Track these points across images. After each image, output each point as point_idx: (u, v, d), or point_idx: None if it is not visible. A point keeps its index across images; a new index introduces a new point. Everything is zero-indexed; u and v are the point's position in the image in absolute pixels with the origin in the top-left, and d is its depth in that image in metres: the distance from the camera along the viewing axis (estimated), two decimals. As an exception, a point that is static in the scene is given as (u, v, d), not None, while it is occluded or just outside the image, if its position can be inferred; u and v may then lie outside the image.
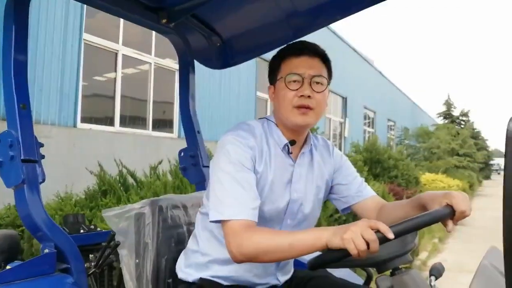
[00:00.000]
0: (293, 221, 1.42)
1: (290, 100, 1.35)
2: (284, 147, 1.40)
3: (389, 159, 8.72)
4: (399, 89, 25.37)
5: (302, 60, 1.38)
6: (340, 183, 1.54)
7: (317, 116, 1.38)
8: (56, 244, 1.31)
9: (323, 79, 1.38)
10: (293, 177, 1.40)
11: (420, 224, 1.02)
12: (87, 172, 4.23)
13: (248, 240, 1.15)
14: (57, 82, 5.48)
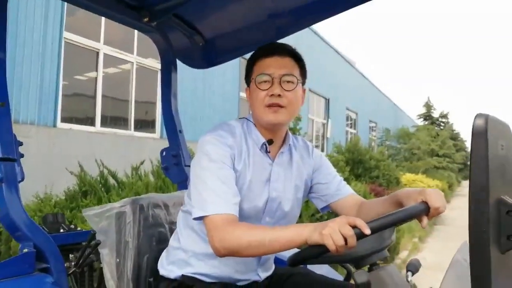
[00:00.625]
0: (271, 219, 1.43)
1: (262, 100, 1.38)
2: (262, 146, 1.43)
3: (371, 159, 8.83)
4: (381, 90, 25.73)
5: (272, 61, 1.41)
6: (319, 182, 1.57)
7: (290, 114, 1.42)
8: (36, 244, 1.29)
9: (293, 77, 1.41)
10: (271, 176, 1.43)
11: (395, 220, 1.05)
12: (67, 173, 4.17)
13: (231, 234, 1.17)
14: (37, 81, 5.39)
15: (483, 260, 0.76)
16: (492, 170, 0.78)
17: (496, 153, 0.81)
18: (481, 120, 0.78)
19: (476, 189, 0.77)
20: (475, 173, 0.77)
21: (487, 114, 0.79)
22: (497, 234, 0.81)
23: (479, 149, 0.77)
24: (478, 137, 0.78)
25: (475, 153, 0.77)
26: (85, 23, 6.40)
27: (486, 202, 0.77)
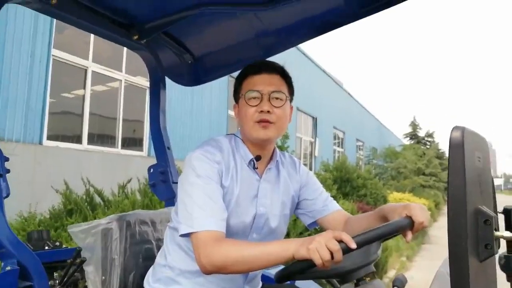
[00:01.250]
0: (258, 235, 1.43)
1: (251, 116, 1.40)
2: (250, 162, 1.43)
3: (358, 178, 8.89)
4: (368, 110, 26.07)
5: (260, 78, 1.43)
6: (306, 198, 1.57)
7: (278, 130, 1.43)
8: (19, 261, 1.26)
9: (282, 94, 1.43)
10: (259, 192, 1.43)
11: (380, 234, 1.06)
12: (53, 191, 4.11)
13: (217, 251, 1.17)
14: (24, 98, 5.35)
15: (462, 269, 0.77)
16: (469, 181, 0.80)
17: (473, 164, 0.83)
18: (457, 133, 0.81)
19: (454, 199, 0.79)
20: (452, 184, 0.79)
21: (464, 127, 0.81)
22: (475, 243, 0.83)
23: (456, 161, 0.79)
24: (455, 149, 0.80)
25: (452, 165, 0.79)
26: (74, 41, 6.41)
27: (464, 212, 0.78)
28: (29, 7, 1.57)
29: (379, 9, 1.73)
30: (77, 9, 1.65)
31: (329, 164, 9.57)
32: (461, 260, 0.77)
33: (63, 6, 1.57)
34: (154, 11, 1.82)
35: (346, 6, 1.73)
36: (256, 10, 1.77)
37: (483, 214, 0.84)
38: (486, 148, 0.93)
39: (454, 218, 0.78)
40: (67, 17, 1.65)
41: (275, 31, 1.95)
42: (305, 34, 1.93)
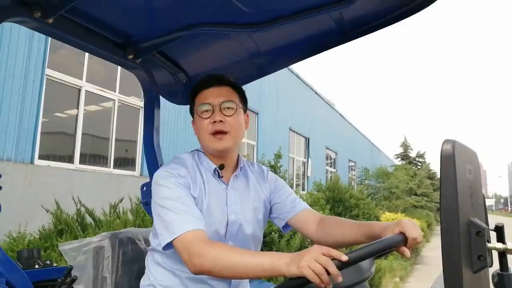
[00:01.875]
0: (234, 242, 1.45)
1: (206, 128, 1.46)
2: (214, 172, 1.49)
3: (351, 198, 8.87)
4: (359, 131, 26.29)
5: (210, 91, 1.50)
6: (276, 202, 1.63)
7: (234, 139, 1.49)
8: (8, 280, 1.24)
9: (232, 103, 1.49)
10: (228, 200, 1.48)
11: (374, 251, 1.06)
12: (43, 211, 4.06)
13: (208, 252, 1.17)
14: (16, 117, 5.34)
15: (456, 280, 0.78)
16: (461, 193, 0.81)
17: (464, 176, 0.84)
18: (448, 145, 0.82)
19: (446, 210, 0.80)
20: (445, 195, 0.80)
21: (454, 140, 0.83)
22: (469, 255, 0.84)
23: (447, 172, 0.81)
24: (446, 161, 0.81)
25: (444, 176, 0.81)
26: (68, 60, 6.45)
27: (456, 223, 0.79)
28: (26, 26, 1.59)
29: (368, 31, 1.78)
30: (74, 28, 1.67)
31: (321, 184, 9.56)
32: (455, 271, 0.78)
33: (60, 25, 1.59)
34: (149, 31, 1.85)
35: (337, 28, 1.78)
36: (250, 31, 1.80)
37: (475, 225, 0.85)
38: (476, 161, 0.95)
39: (447, 229, 0.79)
40: (63, 36, 1.66)
41: (269, 51, 1.98)
42: (297, 54, 1.97)
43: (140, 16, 1.77)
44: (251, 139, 12.43)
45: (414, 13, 1.65)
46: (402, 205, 17.09)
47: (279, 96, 13.84)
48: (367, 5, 1.58)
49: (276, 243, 4.42)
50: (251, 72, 2.12)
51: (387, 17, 1.67)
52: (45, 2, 1.50)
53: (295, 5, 1.63)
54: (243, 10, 1.65)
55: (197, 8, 1.69)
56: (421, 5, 1.58)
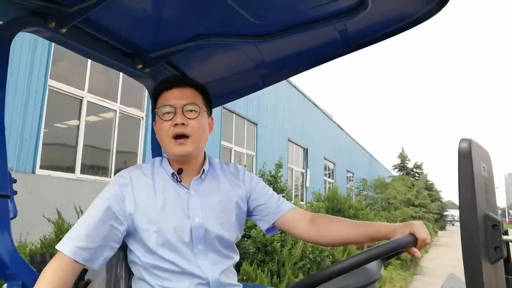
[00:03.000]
0: (204, 245, 1.40)
1: (167, 131, 1.41)
2: (173, 176, 1.44)
3: (350, 208, 8.88)
4: (357, 142, 26.39)
5: (173, 92, 1.45)
6: (258, 204, 1.56)
7: (196, 143, 1.43)
8: (24, 283, 1.27)
9: (196, 106, 1.44)
10: (189, 204, 1.41)
11: (384, 251, 1.09)
12: (43, 220, 4.06)
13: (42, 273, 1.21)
14: (18, 127, 5.36)
15: (476, 271, 0.82)
16: (478, 189, 0.86)
17: (479, 173, 0.89)
18: (465, 144, 0.88)
19: (465, 205, 0.84)
20: (463, 191, 0.85)
21: (470, 139, 0.89)
22: (486, 247, 0.88)
23: (465, 169, 0.86)
24: (463, 158, 0.86)
25: (462, 173, 0.86)
26: (70, 71, 6.50)
27: (474, 217, 0.84)
28: (40, 35, 1.63)
29: (372, 42, 1.84)
30: (85, 38, 1.72)
31: (320, 194, 9.58)
32: (475, 262, 0.82)
33: (72, 35, 1.64)
34: (158, 41, 1.90)
35: (341, 39, 1.83)
36: (256, 42, 1.86)
37: (491, 219, 0.90)
38: (489, 160, 1.00)
39: (466, 223, 0.84)
40: (75, 45, 1.71)
41: (274, 61, 2.03)
42: (302, 65, 2.02)
43: (150, 27, 1.82)
44: (250, 150, 12.46)
45: (416, 25, 1.70)
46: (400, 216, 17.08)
47: (278, 107, 13.92)
48: (371, 16, 1.63)
49: (278, 252, 4.43)
50: (256, 81, 2.16)
51: (391, 28, 1.73)
52: (59, 13, 1.55)
53: (302, 17, 1.68)
54: (251, 21, 1.70)
55: (206, 19, 1.75)
56: (424, 17, 1.63)
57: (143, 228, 1.35)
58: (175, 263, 1.34)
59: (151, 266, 1.35)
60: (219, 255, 1.43)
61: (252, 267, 3.97)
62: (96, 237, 1.28)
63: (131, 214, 1.35)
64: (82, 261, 1.26)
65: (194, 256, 1.37)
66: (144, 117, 7.77)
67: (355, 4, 1.58)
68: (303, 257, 4.69)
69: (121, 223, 1.34)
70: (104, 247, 1.30)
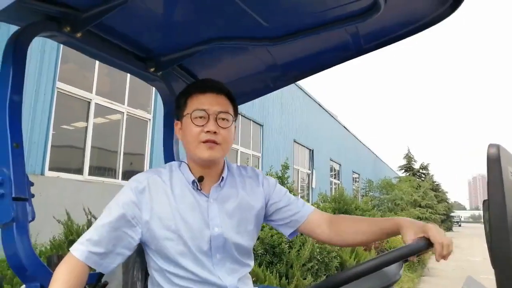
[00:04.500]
0: (222, 254, 1.38)
1: (197, 136, 1.37)
2: (193, 183, 1.40)
3: (356, 209, 8.88)
4: (363, 143, 26.32)
5: (207, 97, 1.40)
6: (277, 208, 1.53)
7: (223, 151, 1.40)
8: (42, 285, 1.28)
9: (228, 115, 1.41)
10: (209, 213, 1.38)
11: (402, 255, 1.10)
12: (53, 221, 4.09)
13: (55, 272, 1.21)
14: (27, 129, 5.40)
15: (507, 272, 0.84)
16: (507, 192, 0.88)
17: (508, 178, 0.91)
18: (494, 149, 0.91)
19: (495, 208, 0.86)
20: (492, 194, 0.87)
21: (498, 144, 0.91)
22: None
23: (495, 174, 0.89)
24: (492, 163, 0.90)
25: (491, 177, 0.88)
26: (78, 74, 6.55)
27: (504, 220, 0.87)
28: (55, 40, 1.65)
29: (383, 45, 1.84)
30: (99, 42, 1.74)
31: (327, 195, 9.58)
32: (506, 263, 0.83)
33: (86, 40, 1.66)
34: (170, 45, 1.92)
35: (352, 41, 1.84)
36: (267, 45, 1.86)
37: None
38: None
39: (497, 222, 0.85)
40: (89, 49, 1.73)
41: (285, 64, 2.04)
42: (313, 67, 2.03)
43: (162, 31, 1.83)
44: (256, 151, 12.48)
45: (428, 27, 1.71)
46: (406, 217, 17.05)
47: (283, 108, 13.93)
48: (383, 19, 1.63)
49: (286, 254, 4.43)
50: (267, 84, 2.17)
51: (403, 30, 1.73)
52: (74, 18, 1.57)
53: (313, 19, 1.69)
54: (263, 24, 1.71)
55: (217, 23, 1.76)
56: (437, 19, 1.64)
57: (161, 236, 1.32)
58: (194, 272, 1.32)
59: (169, 273, 1.33)
60: (237, 263, 1.42)
61: (261, 269, 3.98)
62: (108, 243, 1.26)
63: (147, 222, 1.32)
64: (93, 265, 1.25)
65: (213, 265, 1.36)
66: (151, 119, 7.80)
67: (367, 7, 1.59)
68: (311, 259, 4.69)
69: (136, 231, 1.31)
70: (115, 253, 1.28)
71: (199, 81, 1.50)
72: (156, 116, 7.72)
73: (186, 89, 1.49)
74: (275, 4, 1.61)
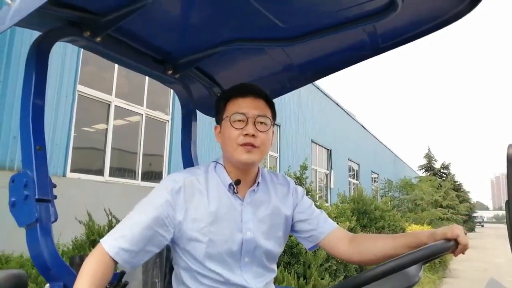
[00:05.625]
0: (251, 258, 1.40)
1: (235, 139, 1.38)
2: (230, 187, 1.41)
3: (376, 210, 8.77)
4: (382, 142, 26.01)
5: (246, 101, 1.42)
6: (300, 218, 1.53)
7: (261, 154, 1.41)
8: (65, 284, 1.32)
9: (267, 119, 1.43)
10: (243, 217, 1.40)
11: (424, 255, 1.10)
12: (75, 222, 4.17)
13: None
14: (49, 132, 5.53)
15: None
16: None
17: None
18: None
19: None
20: None
21: None
22: None
23: None
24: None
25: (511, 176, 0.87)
26: (98, 76, 6.66)
27: None
28: (76, 44, 1.69)
29: (401, 43, 1.82)
30: (118, 46, 1.78)
31: (345, 196, 9.49)
32: None
33: (106, 44, 1.70)
34: (188, 47, 1.94)
35: (369, 40, 1.82)
36: (284, 45, 1.86)
37: None
38: None
39: None
40: (109, 54, 1.76)
41: (302, 64, 2.03)
42: (330, 67, 2.01)
43: (180, 34, 1.85)
44: (274, 151, 12.47)
45: (446, 25, 1.67)
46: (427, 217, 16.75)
47: (300, 108, 13.88)
48: (400, 17, 1.61)
49: (304, 254, 4.42)
50: (284, 84, 2.17)
51: (421, 29, 1.71)
52: (94, 23, 1.61)
53: (330, 19, 1.68)
54: (279, 25, 1.72)
55: (234, 25, 1.77)
56: (455, 17, 1.61)
57: (192, 237, 1.33)
58: (221, 274, 1.34)
59: (195, 272, 1.35)
60: (263, 268, 1.44)
61: (279, 269, 3.98)
62: (141, 242, 1.27)
63: (180, 222, 1.32)
64: (122, 262, 1.26)
65: (240, 268, 1.38)
66: (170, 120, 7.89)
67: (384, 6, 1.57)
68: (328, 259, 4.67)
69: (168, 231, 1.31)
70: (146, 251, 1.29)
71: (238, 85, 1.50)
72: (175, 117, 7.80)
73: (225, 93, 1.51)
74: (291, 4, 1.61)
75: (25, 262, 3.80)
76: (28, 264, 3.62)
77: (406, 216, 14.69)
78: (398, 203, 18.99)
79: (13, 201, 1.36)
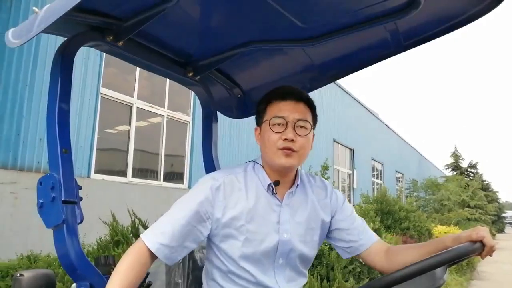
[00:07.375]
0: (285, 260, 1.40)
1: (274, 143, 1.38)
2: (269, 187, 1.41)
3: (400, 210, 8.62)
4: (406, 141, 25.55)
5: (286, 104, 1.42)
6: (339, 227, 1.51)
7: (300, 159, 1.41)
8: (91, 284, 1.35)
9: (307, 123, 1.42)
10: (280, 218, 1.39)
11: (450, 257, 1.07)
12: (99, 222, 4.25)
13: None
14: (74, 134, 5.67)
15: None
16: None
17: None
18: None
19: None
20: None
21: None
22: None
23: None
24: None
25: None
26: (120, 79, 6.79)
27: None
28: (99, 49, 1.73)
29: (424, 41, 1.78)
30: (140, 50, 1.80)
31: (369, 196, 9.37)
32: None
33: (128, 48, 1.72)
34: (208, 49, 1.95)
35: (391, 38, 1.79)
36: (304, 46, 1.85)
37: None
38: None
39: None
40: (131, 57, 1.79)
41: (322, 64, 2.02)
42: (352, 66, 1.99)
43: (200, 36, 1.87)
44: (295, 151, 12.42)
45: (468, 23, 1.63)
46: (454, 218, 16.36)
47: (322, 108, 13.76)
48: (423, 14, 1.58)
49: (326, 256, 4.38)
50: (304, 85, 2.15)
51: (444, 26, 1.67)
52: (116, 27, 1.63)
53: (350, 18, 1.66)
54: (299, 26, 1.71)
55: (254, 26, 1.77)
56: (478, 14, 1.57)
57: (229, 235, 1.34)
58: (254, 274, 1.35)
59: (227, 270, 1.36)
60: (296, 272, 1.43)
61: (301, 270, 3.95)
62: (180, 238, 1.29)
63: (218, 220, 1.34)
64: (162, 257, 1.28)
65: (273, 269, 1.38)
66: (191, 121, 7.96)
67: (406, 3, 1.54)
68: (352, 261, 4.61)
69: (206, 227, 1.34)
70: (184, 247, 1.31)
71: (278, 87, 1.50)
72: (196, 118, 7.87)
73: (266, 96, 1.50)
74: (310, 4, 1.60)
75: (52, 262, 3.90)
76: (55, 264, 3.72)
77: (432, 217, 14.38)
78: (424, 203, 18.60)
79: (41, 202, 1.39)
